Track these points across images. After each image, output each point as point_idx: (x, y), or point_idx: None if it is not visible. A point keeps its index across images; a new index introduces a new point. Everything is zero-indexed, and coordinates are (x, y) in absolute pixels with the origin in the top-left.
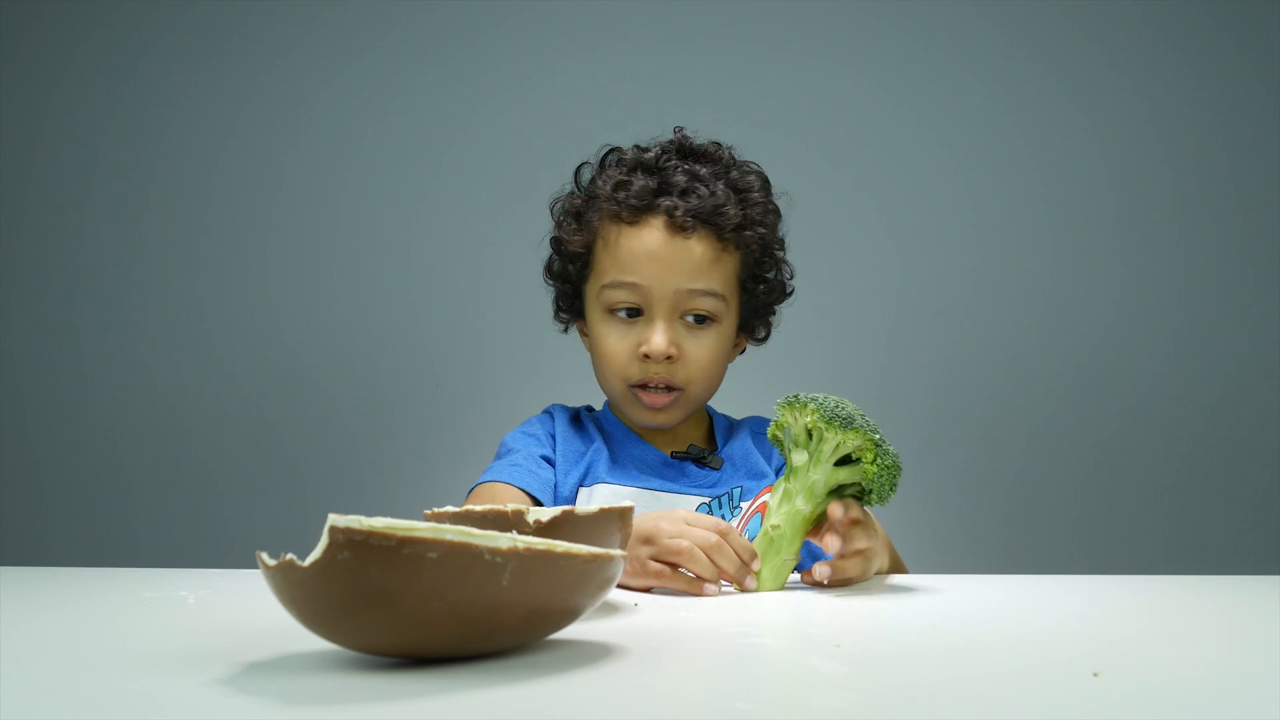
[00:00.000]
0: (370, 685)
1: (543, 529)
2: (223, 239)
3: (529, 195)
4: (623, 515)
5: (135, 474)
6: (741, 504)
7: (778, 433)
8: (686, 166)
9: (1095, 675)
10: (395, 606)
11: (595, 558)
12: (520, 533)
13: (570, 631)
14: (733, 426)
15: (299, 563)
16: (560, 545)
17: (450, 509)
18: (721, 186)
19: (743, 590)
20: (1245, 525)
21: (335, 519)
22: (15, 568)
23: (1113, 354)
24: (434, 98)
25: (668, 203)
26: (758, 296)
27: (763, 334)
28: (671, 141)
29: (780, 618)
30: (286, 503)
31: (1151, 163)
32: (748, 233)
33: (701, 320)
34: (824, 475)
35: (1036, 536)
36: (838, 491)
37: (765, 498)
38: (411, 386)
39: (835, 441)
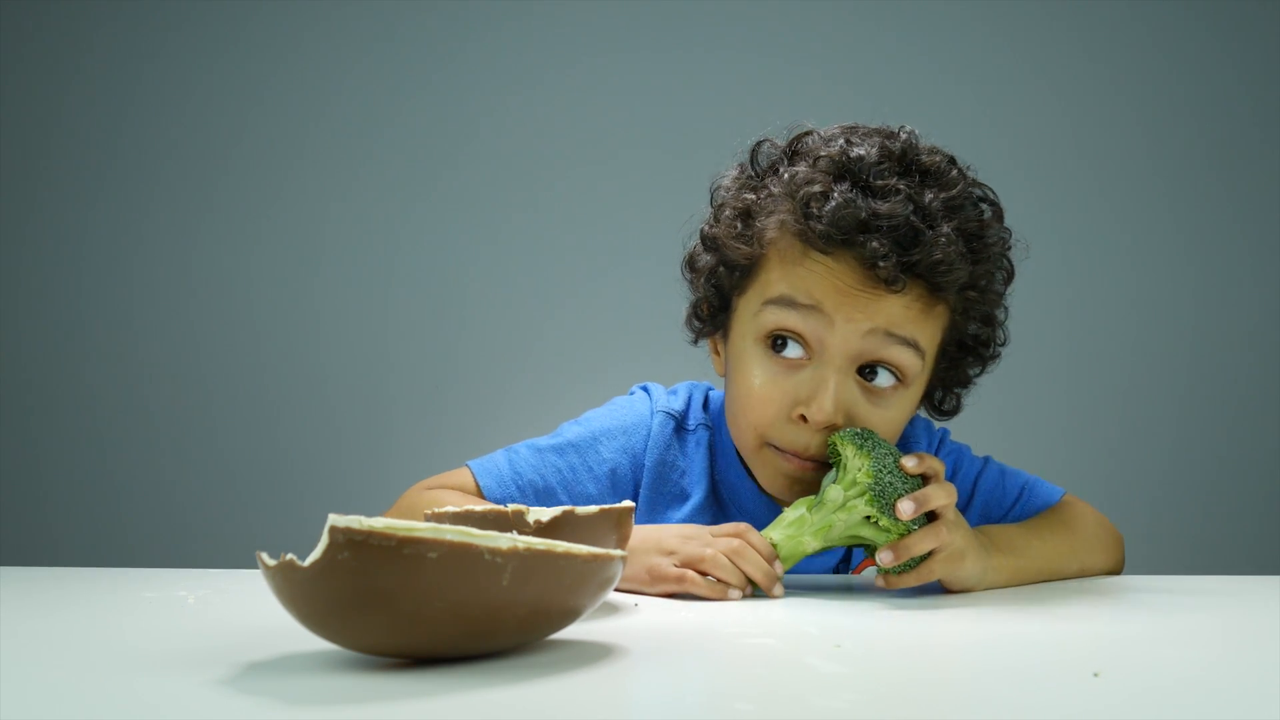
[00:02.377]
0: (370, 685)
1: (543, 529)
2: (223, 240)
3: (530, 195)
4: (621, 516)
5: (136, 474)
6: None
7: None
8: (907, 188)
9: (1095, 675)
10: (395, 607)
11: (595, 558)
12: (521, 532)
13: (570, 631)
14: None
15: (299, 563)
16: (560, 545)
17: (451, 509)
18: (949, 231)
19: (770, 596)
20: (1245, 525)
21: (335, 519)
22: (16, 568)
23: (1111, 354)
24: (435, 98)
25: (874, 245)
26: (959, 367)
27: (950, 405)
28: (891, 139)
29: (780, 618)
30: (287, 503)
31: (1152, 161)
32: (971, 293)
33: (883, 378)
34: (847, 526)
35: None
36: (853, 539)
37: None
38: (412, 387)
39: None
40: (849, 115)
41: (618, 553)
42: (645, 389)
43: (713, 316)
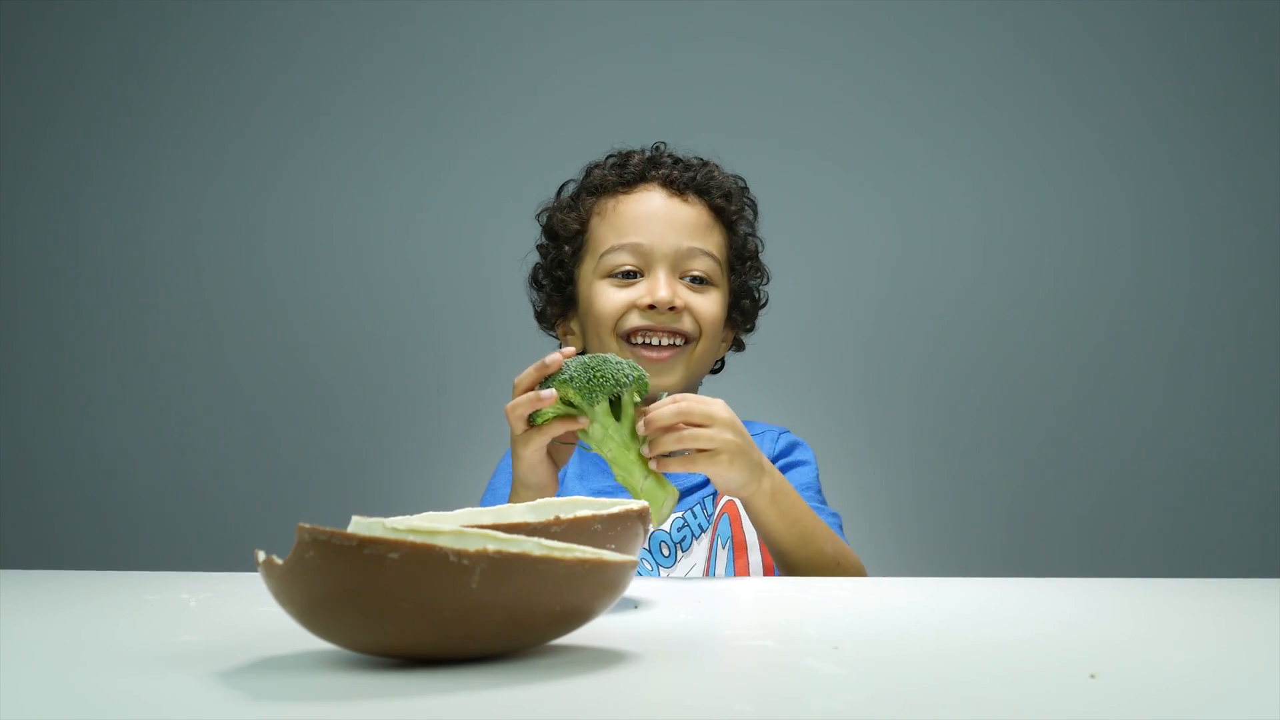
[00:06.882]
0: (368, 685)
1: (563, 533)
2: (225, 243)
3: (534, 198)
4: (640, 516)
5: (137, 477)
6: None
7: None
8: (673, 157)
9: (1093, 677)
10: (362, 606)
11: (583, 562)
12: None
13: None
14: None
15: (277, 561)
16: (541, 548)
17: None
18: (711, 164)
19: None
20: (1244, 528)
21: (358, 519)
22: (16, 570)
23: (1111, 356)
24: (437, 100)
25: (663, 171)
26: (744, 280)
27: (748, 328)
28: (654, 148)
29: (779, 619)
30: (289, 506)
31: (1149, 159)
32: (734, 208)
33: (700, 282)
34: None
35: (1034, 540)
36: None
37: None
38: (415, 390)
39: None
40: (845, 113)
41: (616, 556)
42: None
43: (564, 301)
